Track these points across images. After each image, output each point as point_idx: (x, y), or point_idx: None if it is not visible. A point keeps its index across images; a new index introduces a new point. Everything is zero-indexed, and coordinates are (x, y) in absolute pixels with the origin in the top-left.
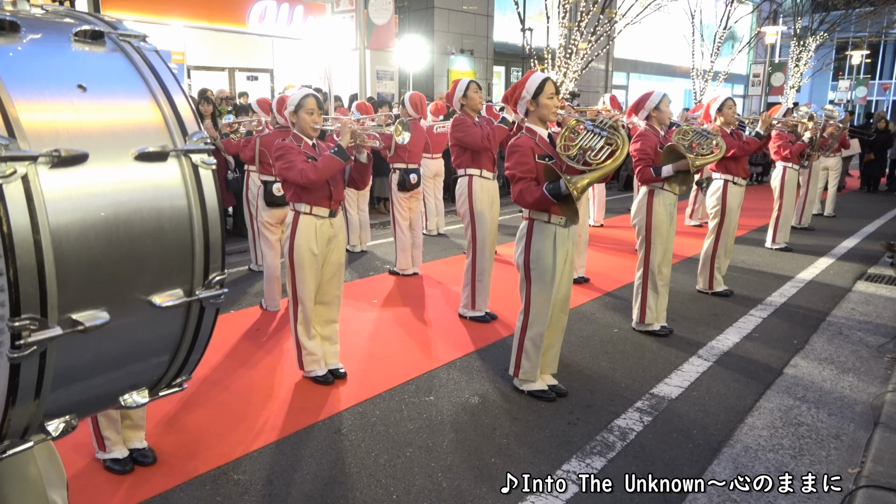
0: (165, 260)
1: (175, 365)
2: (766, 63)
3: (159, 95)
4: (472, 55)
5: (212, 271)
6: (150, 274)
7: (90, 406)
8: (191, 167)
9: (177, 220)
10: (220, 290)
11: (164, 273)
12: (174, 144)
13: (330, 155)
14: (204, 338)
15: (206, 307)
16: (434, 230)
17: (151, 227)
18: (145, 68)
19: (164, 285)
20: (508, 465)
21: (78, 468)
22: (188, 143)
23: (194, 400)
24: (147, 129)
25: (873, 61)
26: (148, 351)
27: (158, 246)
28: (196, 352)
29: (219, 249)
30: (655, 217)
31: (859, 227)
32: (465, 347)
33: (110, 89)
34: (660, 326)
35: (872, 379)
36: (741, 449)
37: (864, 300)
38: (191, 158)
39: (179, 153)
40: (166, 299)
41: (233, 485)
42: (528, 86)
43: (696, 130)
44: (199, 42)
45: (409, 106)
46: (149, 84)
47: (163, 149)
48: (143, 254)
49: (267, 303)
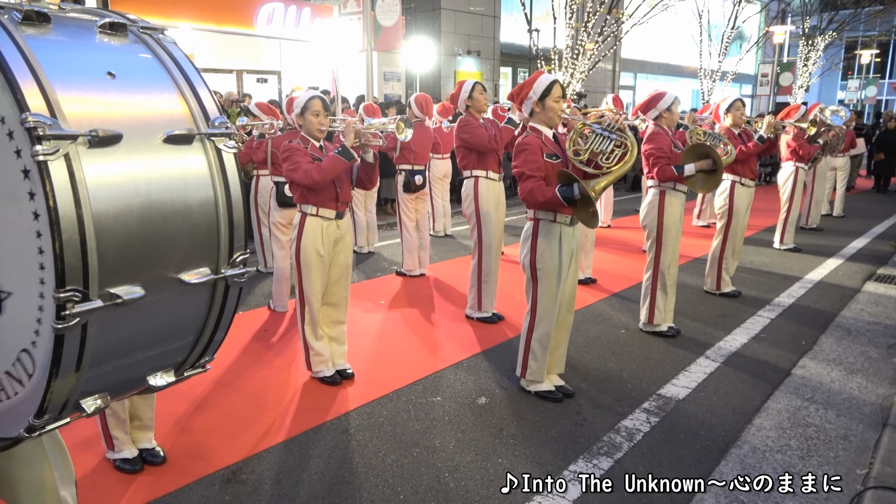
0: (193, 238)
1: (200, 344)
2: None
3: (182, 83)
4: (479, 56)
5: (236, 250)
6: (180, 252)
7: (121, 386)
8: (214, 150)
9: (203, 200)
10: (244, 269)
11: (192, 251)
12: (198, 128)
13: (334, 155)
14: (228, 316)
15: (231, 285)
16: (441, 231)
17: (180, 207)
18: (167, 58)
19: (192, 263)
20: (515, 465)
21: (89, 467)
22: (210, 127)
23: (203, 400)
24: (173, 114)
25: (883, 60)
26: (177, 328)
27: (187, 225)
28: (221, 330)
29: (242, 229)
30: (667, 218)
31: (868, 227)
32: (471, 348)
33: (137, 77)
34: (667, 327)
35: (881, 380)
36: (749, 450)
37: (874, 301)
38: (214, 142)
39: (203, 137)
40: (194, 276)
41: (241, 484)
42: (535, 87)
43: (707, 133)
44: (207, 44)
45: (415, 107)
46: (171, 73)
47: (189, 132)
48: (173, 232)
49: (275, 304)
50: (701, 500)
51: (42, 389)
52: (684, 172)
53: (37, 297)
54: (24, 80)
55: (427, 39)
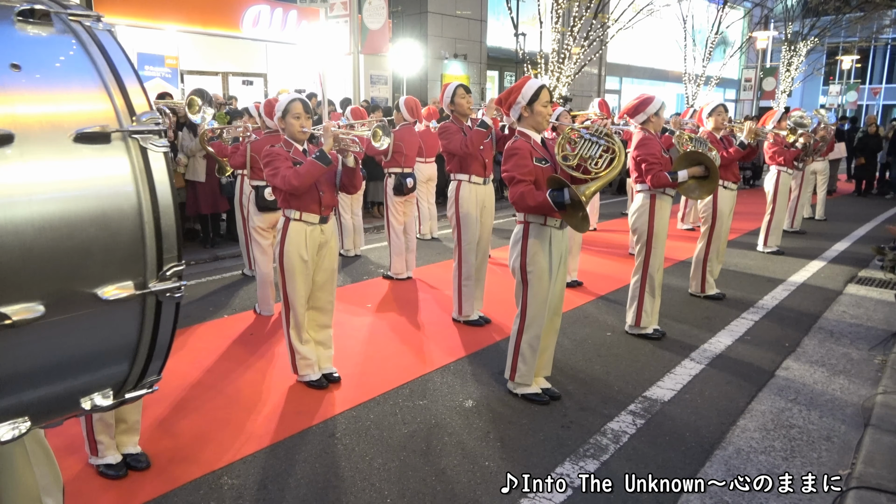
0: (112, 249)
1: (138, 364)
2: (757, 68)
3: (107, 76)
4: (466, 60)
5: (166, 262)
6: (95, 265)
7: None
8: (138, 149)
9: (124, 206)
10: (178, 282)
11: (111, 263)
12: (120, 125)
13: (312, 160)
14: (165, 336)
15: (164, 301)
16: (427, 234)
17: (93, 214)
18: (95, 49)
19: (112, 277)
20: (502, 468)
21: (72, 473)
22: (136, 123)
23: (188, 404)
24: (89, 111)
25: (863, 66)
26: (102, 350)
27: (103, 234)
28: (158, 351)
29: (173, 237)
30: (658, 223)
31: (850, 230)
32: (458, 351)
33: (50, 69)
34: (653, 329)
35: (863, 381)
36: (733, 451)
37: (855, 303)
38: (138, 140)
39: (126, 134)
40: (113, 292)
41: (227, 489)
42: (524, 92)
43: (692, 137)
44: (193, 46)
45: (405, 110)
46: (96, 65)
47: (103, 129)
48: (84, 243)
49: (261, 307)
50: (687, 501)
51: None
52: (678, 178)
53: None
54: None
55: (414, 43)
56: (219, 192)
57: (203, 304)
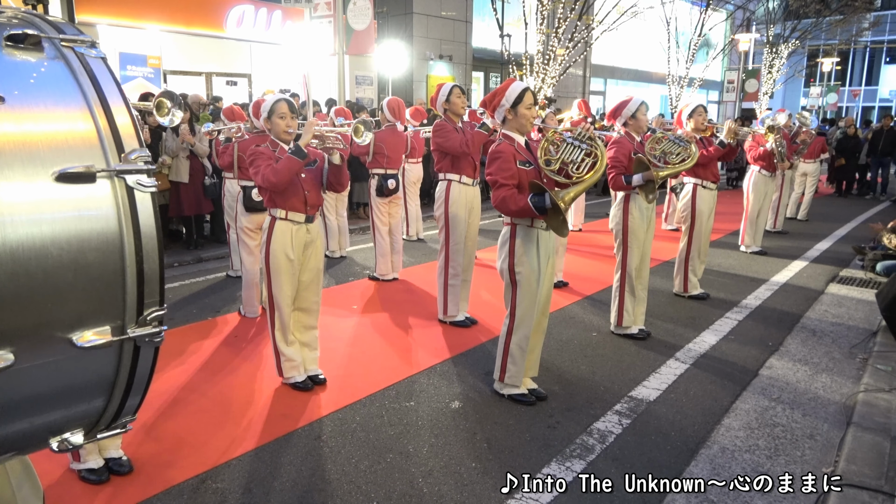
0: (89, 293)
1: (111, 407)
2: (739, 70)
3: (96, 108)
4: (451, 61)
5: (147, 307)
6: (70, 309)
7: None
8: (125, 189)
9: (104, 248)
10: (158, 327)
11: (89, 308)
12: (107, 163)
13: (288, 156)
14: (142, 381)
15: (142, 346)
16: (414, 236)
17: (72, 258)
18: (84, 78)
19: (88, 322)
20: (489, 469)
21: (52, 479)
22: (123, 162)
23: (171, 407)
24: (74, 147)
25: (843, 68)
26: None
27: (80, 279)
28: (134, 395)
29: (156, 282)
30: (632, 221)
31: (831, 230)
32: (445, 352)
33: (36, 101)
34: (638, 330)
35: (845, 379)
36: (718, 450)
37: (837, 302)
38: (125, 180)
39: (112, 174)
40: (90, 338)
41: (211, 493)
42: (507, 94)
43: (671, 139)
44: (176, 47)
45: (388, 111)
46: (86, 96)
47: (87, 169)
48: (59, 288)
49: (245, 309)
50: (672, 501)
51: None
52: (632, 182)
53: None
54: None
55: (399, 43)
56: (202, 193)
57: (186, 307)
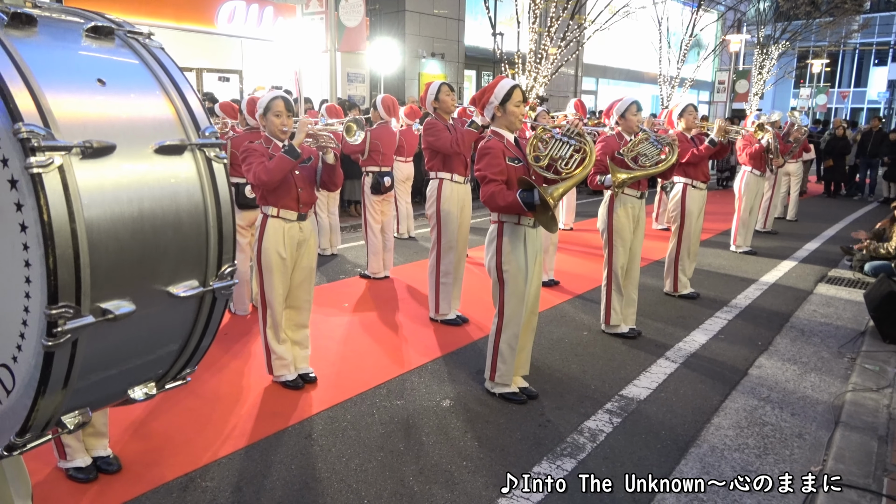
0: (183, 251)
1: (184, 356)
2: (730, 70)
3: (171, 91)
4: (443, 59)
5: (224, 262)
6: (170, 265)
7: (103, 400)
8: (205, 160)
9: (194, 211)
10: (231, 280)
11: (182, 264)
12: (188, 139)
13: (281, 154)
14: (214, 328)
15: (218, 297)
16: (405, 234)
17: (171, 219)
18: (154, 64)
19: (182, 276)
20: (480, 467)
21: (40, 477)
22: (201, 137)
23: (160, 405)
24: (164, 124)
25: (833, 70)
26: (162, 341)
27: (177, 237)
28: (205, 342)
29: (231, 241)
30: (617, 220)
31: (820, 230)
32: (436, 351)
33: (126, 84)
34: (628, 329)
35: (833, 378)
36: (708, 449)
37: (825, 302)
38: (205, 152)
39: (194, 147)
40: (183, 289)
41: (200, 492)
42: (496, 91)
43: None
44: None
45: (382, 109)
46: (160, 80)
47: (181, 142)
48: (163, 245)
49: (235, 307)
50: (662, 500)
51: (26, 407)
52: (605, 182)
53: (21, 311)
54: (16, 87)
55: (391, 41)
56: None
57: None
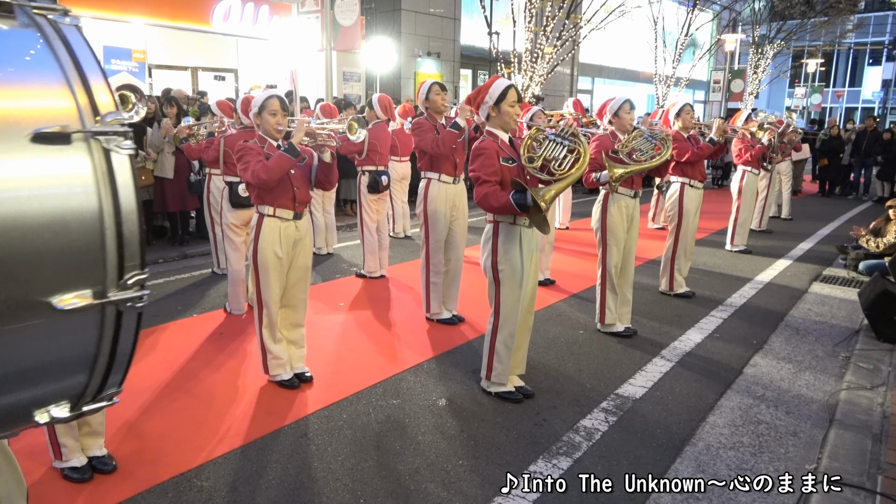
0: (67, 256)
1: (96, 376)
2: (725, 70)
3: (71, 73)
4: (439, 58)
5: (128, 270)
6: (47, 272)
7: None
8: (101, 151)
9: (82, 211)
10: (140, 291)
11: (66, 272)
12: (82, 125)
13: (280, 153)
14: (126, 347)
15: (124, 311)
16: (401, 233)
17: (49, 219)
18: (59, 45)
19: (68, 285)
20: (475, 466)
21: (35, 477)
22: (100, 124)
23: (156, 405)
24: (50, 110)
25: (828, 69)
26: (58, 361)
27: (59, 240)
28: (118, 363)
29: (136, 245)
30: (610, 219)
31: (814, 229)
32: (432, 350)
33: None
34: (624, 328)
35: (828, 377)
36: (703, 447)
37: (820, 301)
38: (100, 141)
39: (87, 135)
40: (69, 301)
41: (196, 492)
42: (491, 91)
43: (645, 136)
44: (161, 41)
45: (378, 108)
46: (60, 62)
47: (63, 129)
48: (37, 249)
49: (231, 306)
50: (658, 499)
51: None
52: (600, 179)
53: None
54: None
55: (387, 40)
56: (187, 189)
57: (172, 303)
